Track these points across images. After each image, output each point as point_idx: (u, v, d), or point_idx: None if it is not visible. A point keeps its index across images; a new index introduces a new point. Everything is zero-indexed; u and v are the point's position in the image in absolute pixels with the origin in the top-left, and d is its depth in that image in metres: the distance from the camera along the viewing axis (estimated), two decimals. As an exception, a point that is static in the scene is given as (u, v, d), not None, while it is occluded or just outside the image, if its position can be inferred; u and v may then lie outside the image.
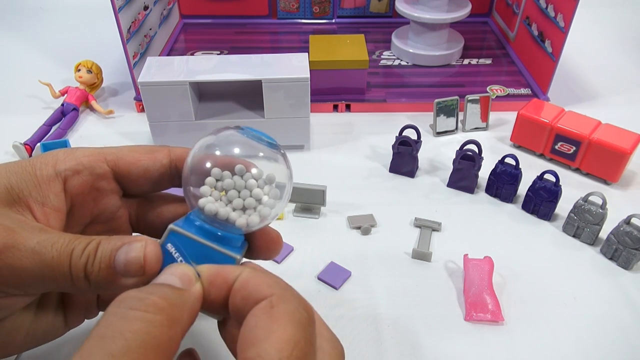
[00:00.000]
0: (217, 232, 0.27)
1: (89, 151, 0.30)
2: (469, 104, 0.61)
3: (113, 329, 0.20)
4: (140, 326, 0.21)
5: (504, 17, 0.82)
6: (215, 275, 0.25)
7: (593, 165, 0.55)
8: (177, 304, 0.22)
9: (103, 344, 0.20)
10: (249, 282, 0.24)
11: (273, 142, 0.29)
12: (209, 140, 0.29)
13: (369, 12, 0.86)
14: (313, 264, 0.45)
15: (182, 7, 0.85)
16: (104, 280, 0.25)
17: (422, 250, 0.45)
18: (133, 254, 0.25)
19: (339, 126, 0.64)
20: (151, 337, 0.21)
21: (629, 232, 0.44)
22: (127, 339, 0.20)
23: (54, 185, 0.28)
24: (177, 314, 0.22)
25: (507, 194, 0.52)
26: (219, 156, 0.28)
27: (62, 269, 0.24)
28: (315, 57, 0.63)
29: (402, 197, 0.53)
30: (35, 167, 0.28)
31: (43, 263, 0.24)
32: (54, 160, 0.29)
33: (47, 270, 0.24)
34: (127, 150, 0.30)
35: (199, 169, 0.28)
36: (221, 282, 0.24)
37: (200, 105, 0.58)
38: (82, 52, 0.75)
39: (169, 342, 0.21)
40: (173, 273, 0.24)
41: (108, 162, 0.30)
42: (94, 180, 0.29)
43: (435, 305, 0.42)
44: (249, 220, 0.27)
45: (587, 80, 0.74)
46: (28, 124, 0.61)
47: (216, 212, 0.27)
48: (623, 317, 0.41)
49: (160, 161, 0.30)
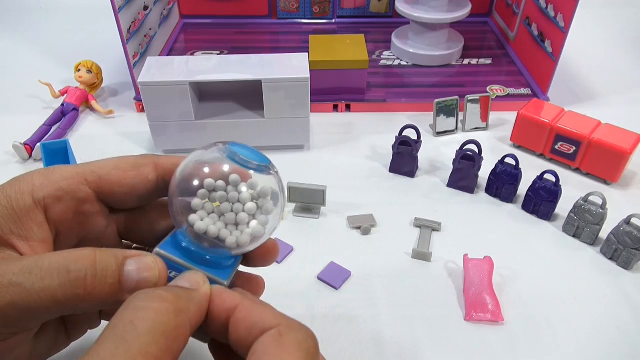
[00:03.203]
0: (204, 256, 0.27)
1: (67, 173, 0.27)
2: (469, 104, 0.61)
3: (123, 319, 0.21)
4: (147, 314, 0.21)
5: (504, 17, 0.82)
6: (215, 297, 0.25)
7: (593, 165, 0.55)
8: (183, 297, 0.23)
9: (115, 332, 0.21)
10: (253, 313, 0.24)
11: (262, 164, 0.28)
12: (197, 156, 0.28)
13: (369, 12, 0.86)
14: (313, 264, 0.45)
15: (182, 7, 0.85)
16: (107, 295, 0.24)
17: (422, 250, 0.45)
18: (147, 273, 0.24)
19: (339, 126, 0.64)
20: (159, 324, 0.21)
21: (629, 232, 0.44)
22: (137, 326, 0.21)
23: (35, 216, 0.26)
24: (182, 305, 0.23)
25: (507, 194, 0.52)
26: (212, 165, 0.27)
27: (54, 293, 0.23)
28: (315, 57, 0.63)
29: (402, 197, 0.53)
30: (11, 199, 0.26)
31: (42, 296, 0.23)
32: (29, 188, 0.26)
33: (50, 303, 0.23)
34: (109, 168, 0.28)
35: (190, 179, 0.27)
36: (220, 304, 0.24)
37: (200, 105, 0.58)
38: (82, 52, 0.75)
39: (176, 329, 0.22)
40: (182, 278, 0.25)
41: (89, 183, 0.28)
42: (77, 205, 0.27)
43: (435, 305, 0.42)
44: (239, 240, 0.27)
45: (587, 80, 0.74)
46: (28, 124, 0.61)
47: (206, 231, 0.26)
48: (623, 317, 0.41)
49: (146, 177, 0.29)
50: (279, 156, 0.58)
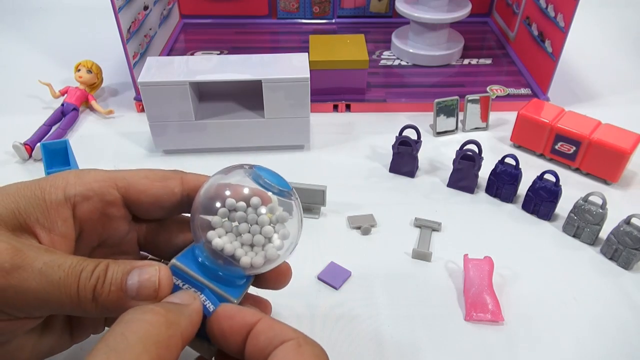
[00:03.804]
0: (218, 272, 0.28)
1: (100, 176, 0.29)
2: (469, 104, 0.61)
3: (115, 332, 0.22)
4: (139, 325, 0.22)
5: (504, 17, 0.82)
6: (235, 314, 0.26)
7: (593, 165, 0.55)
8: (174, 310, 0.24)
9: (107, 344, 0.22)
10: (274, 326, 0.25)
11: (284, 190, 0.29)
12: (222, 175, 0.29)
13: (369, 12, 0.86)
14: (313, 264, 0.45)
15: (182, 7, 0.85)
16: (112, 303, 0.25)
17: (422, 250, 0.45)
18: (146, 276, 0.25)
19: (339, 126, 0.64)
20: (150, 334, 0.22)
21: (629, 232, 0.44)
22: (127, 337, 0.22)
23: (63, 211, 0.27)
24: (173, 318, 0.24)
25: (507, 194, 0.52)
26: (236, 186, 0.28)
27: (69, 290, 0.24)
28: (315, 57, 0.63)
29: (402, 197, 0.53)
30: (45, 191, 0.27)
31: (50, 285, 0.24)
32: (63, 184, 0.28)
33: (54, 291, 0.24)
34: (139, 177, 0.30)
35: (213, 197, 0.28)
36: (240, 319, 0.26)
37: (200, 105, 0.58)
38: (82, 52, 0.75)
39: (168, 339, 0.23)
40: (174, 296, 0.26)
41: (119, 188, 0.29)
42: (103, 206, 0.29)
43: (435, 305, 0.42)
44: (253, 261, 0.28)
45: (587, 80, 0.74)
46: (28, 124, 0.61)
47: (222, 248, 0.27)
48: (623, 317, 0.41)
49: (172, 190, 0.30)
50: (278, 156, 0.58)
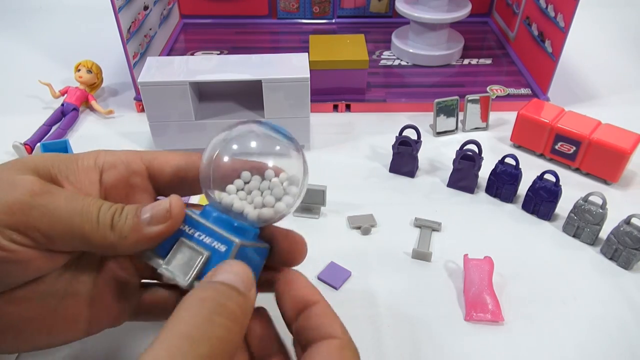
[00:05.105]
0: (232, 223, 0.28)
1: (127, 151, 0.32)
2: (469, 104, 0.61)
3: (202, 333, 0.22)
4: (223, 333, 0.23)
5: (504, 17, 0.82)
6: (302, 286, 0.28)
7: (593, 165, 0.55)
8: (247, 312, 0.25)
9: (194, 346, 0.22)
10: (327, 316, 0.27)
11: (290, 137, 0.31)
12: (231, 134, 0.31)
13: (369, 12, 0.86)
14: (313, 264, 0.45)
15: (182, 7, 0.85)
16: (129, 229, 0.27)
17: (422, 250, 0.45)
18: (159, 206, 0.27)
19: (339, 126, 0.64)
20: (229, 344, 0.23)
21: (629, 232, 0.44)
22: (213, 345, 0.22)
23: (91, 175, 0.30)
24: (245, 322, 0.25)
25: (507, 194, 0.52)
26: (250, 160, 0.30)
27: (90, 216, 0.27)
28: (315, 57, 0.63)
29: (402, 197, 0.53)
30: (78, 158, 0.30)
31: (73, 210, 0.26)
32: (95, 155, 0.31)
33: (77, 217, 0.26)
34: (162, 152, 0.32)
35: (228, 170, 0.29)
36: (300, 294, 0.28)
37: (200, 105, 0.58)
38: (82, 52, 0.75)
39: (237, 347, 0.24)
40: (236, 273, 0.26)
41: (143, 160, 0.32)
42: (129, 175, 0.31)
43: (435, 305, 0.42)
44: (260, 213, 0.29)
45: (587, 80, 0.74)
46: (28, 124, 0.61)
47: (232, 204, 0.28)
48: (623, 317, 0.41)
49: (194, 162, 0.32)
50: (279, 156, 0.58)
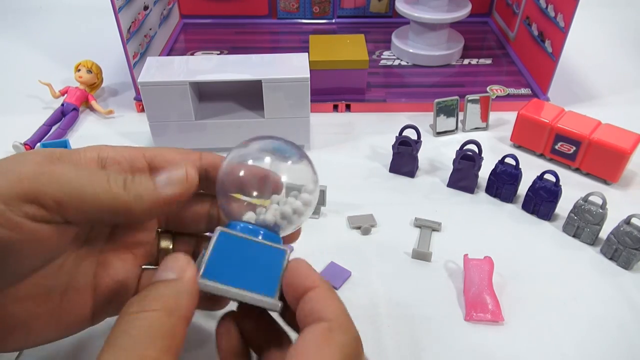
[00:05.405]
0: (260, 231, 0.30)
1: (129, 147, 0.32)
2: (469, 104, 0.61)
3: (118, 331, 0.23)
4: (140, 321, 0.23)
5: (504, 17, 0.82)
6: (301, 273, 0.28)
7: (593, 165, 0.55)
8: (170, 295, 0.25)
9: (112, 344, 0.23)
10: (322, 299, 0.27)
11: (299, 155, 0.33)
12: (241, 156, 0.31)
13: (369, 12, 0.86)
14: (313, 264, 0.44)
15: (182, 7, 0.85)
16: (144, 189, 0.27)
17: (422, 250, 0.45)
18: (175, 169, 0.29)
19: (339, 126, 0.64)
20: (153, 329, 0.23)
21: (629, 232, 0.44)
22: (132, 335, 0.23)
23: (94, 166, 0.30)
24: (172, 304, 0.25)
25: (507, 194, 0.52)
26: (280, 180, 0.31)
27: (101, 181, 0.27)
28: (315, 57, 0.63)
29: (402, 197, 0.53)
30: (80, 152, 0.30)
31: (82, 174, 0.27)
32: (98, 149, 0.31)
33: (87, 182, 0.26)
34: (163, 150, 0.33)
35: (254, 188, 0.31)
36: (298, 280, 0.28)
37: (200, 105, 0.58)
38: (82, 52, 0.75)
39: (172, 328, 0.24)
40: (168, 268, 0.26)
41: (145, 157, 0.32)
42: (131, 172, 0.31)
43: (435, 305, 0.42)
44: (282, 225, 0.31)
45: (587, 80, 0.74)
46: (28, 124, 0.61)
47: (255, 220, 0.30)
48: (623, 317, 0.41)
49: (194, 162, 0.32)
50: (279, 156, 0.58)
